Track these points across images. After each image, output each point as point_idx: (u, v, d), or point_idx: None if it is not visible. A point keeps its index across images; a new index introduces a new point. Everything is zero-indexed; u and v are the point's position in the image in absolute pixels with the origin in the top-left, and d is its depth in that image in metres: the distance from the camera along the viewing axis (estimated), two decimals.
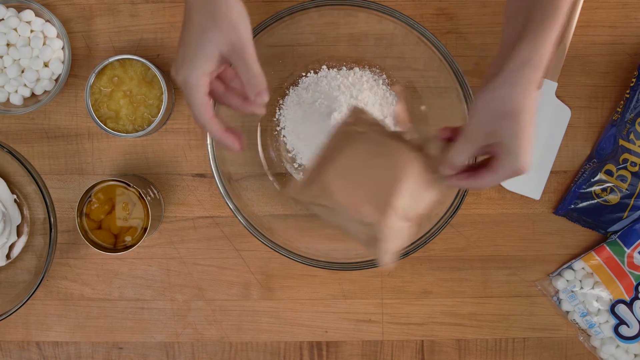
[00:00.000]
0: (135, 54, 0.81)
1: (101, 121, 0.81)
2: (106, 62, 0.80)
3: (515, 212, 0.88)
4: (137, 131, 0.82)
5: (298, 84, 0.86)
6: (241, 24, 0.64)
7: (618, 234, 0.85)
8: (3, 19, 0.84)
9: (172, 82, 0.84)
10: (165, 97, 0.80)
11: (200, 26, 0.63)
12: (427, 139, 0.68)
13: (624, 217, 0.85)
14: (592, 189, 0.85)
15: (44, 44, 0.84)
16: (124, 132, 0.81)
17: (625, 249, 0.85)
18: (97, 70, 0.80)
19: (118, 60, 0.81)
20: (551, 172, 0.87)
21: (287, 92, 0.86)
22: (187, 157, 0.87)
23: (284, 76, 0.86)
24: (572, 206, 0.86)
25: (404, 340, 0.88)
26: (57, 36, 0.85)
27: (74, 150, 0.87)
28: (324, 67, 0.86)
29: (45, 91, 0.85)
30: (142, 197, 0.79)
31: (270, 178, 0.87)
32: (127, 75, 0.81)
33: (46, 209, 0.81)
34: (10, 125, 0.87)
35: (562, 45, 0.85)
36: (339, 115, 0.81)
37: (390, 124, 0.85)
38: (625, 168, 0.84)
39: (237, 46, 0.64)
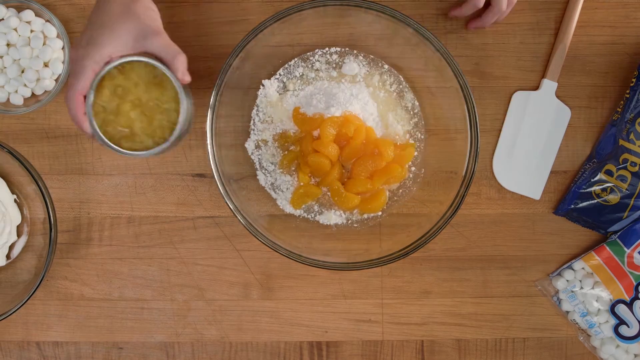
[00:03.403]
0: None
1: (114, 143, 0.69)
2: (102, 73, 0.68)
3: (515, 212, 0.88)
4: (158, 144, 0.69)
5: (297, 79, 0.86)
6: (151, 13, 0.69)
7: (618, 234, 0.85)
8: (3, 19, 0.84)
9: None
10: (182, 95, 0.69)
11: (114, 13, 0.67)
12: None
13: (624, 217, 0.85)
14: (592, 189, 0.85)
15: (44, 44, 0.84)
16: (143, 150, 0.69)
17: (625, 249, 0.85)
18: (94, 86, 0.69)
19: (115, 67, 0.69)
20: (551, 172, 0.87)
21: (286, 87, 0.86)
22: (187, 157, 0.87)
23: (283, 74, 0.86)
24: (572, 206, 0.86)
25: (404, 340, 0.88)
26: (57, 36, 0.85)
27: (74, 150, 0.87)
28: (324, 65, 0.86)
29: (46, 91, 0.85)
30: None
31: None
32: (130, 82, 0.69)
33: (46, 209, 0.81)
34: (10, 125, 0.87)
35: (562, 45, 0.85)
36: (337, 111, 0.81)
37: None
38: (625, 168, 0.84)
39: (151, 27, 0.68)
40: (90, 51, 0.67)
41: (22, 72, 0.84)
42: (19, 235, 0.88)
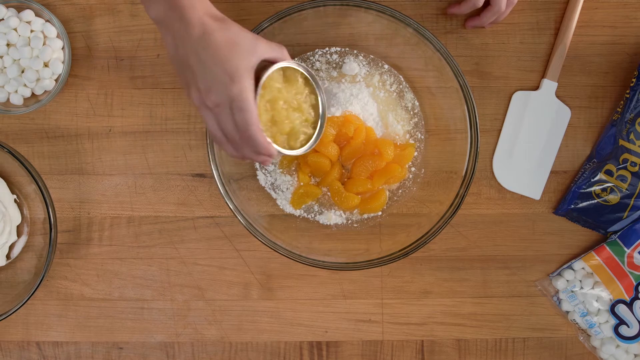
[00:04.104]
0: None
1: (290, 149, 0.76)
2: (257, 99, 0.71)
3: (515, 212, 0.88)
4: (317, 120, 0.77)
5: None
6: (239, 25, 0.69)
7: (618, 234, 0.85)
8: (3, 19, 0.84)
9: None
10: (309, 74, 0.75)
11: (224, 43, 0.66)
12: None
13: (624, 217, 0.85)
14: (592, 189, 0.85)
15: (44, 44, 0.84)
16: (310, 139, 0.77)
17: (625, 249, 0.85)
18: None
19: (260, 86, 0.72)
20: (551, 172, 0.87)
21: None
22: (187, 157, 0.87)
23: None
24: (572, 206, 0.86)
25: (404, 340, 0.88)
26: (57, 36, 0.85)
27: (74, 150, 0.87)
28: (324, 65, 0.86)
29: (46, 91, 0.85)
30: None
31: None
32: (274, 91, 0.73)
33: (46, 209, 0.81)
34: (10, 125, 0.87)
35: (562, 45, 0.85)
36: (337, 111, 0.81)
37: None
38: (625, 168, 0.84)
39: (252, 38, 0.68)
40: (244, 84, 0.66)
41: (22, 72, 0.84)
42: (19, 235, 0.88)
